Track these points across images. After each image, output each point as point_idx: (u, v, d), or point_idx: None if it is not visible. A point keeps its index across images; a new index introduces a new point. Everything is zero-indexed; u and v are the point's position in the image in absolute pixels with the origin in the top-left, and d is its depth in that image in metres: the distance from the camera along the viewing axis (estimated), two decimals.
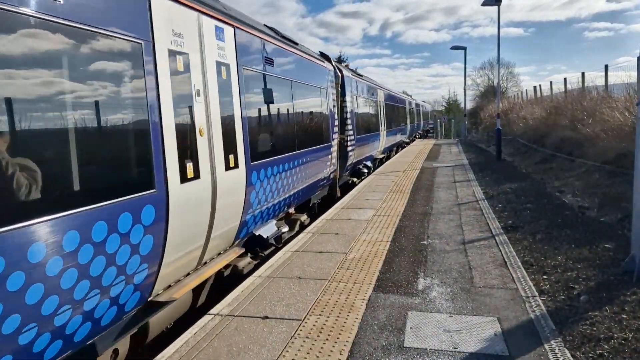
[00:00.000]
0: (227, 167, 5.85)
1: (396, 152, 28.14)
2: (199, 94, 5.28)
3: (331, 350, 4.25)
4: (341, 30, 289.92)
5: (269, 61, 7.73)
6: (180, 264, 5.09)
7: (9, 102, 3.10)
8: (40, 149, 3.35)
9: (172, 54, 4.78)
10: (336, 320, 4.88)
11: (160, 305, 4.79)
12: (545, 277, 5.99)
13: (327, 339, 4.47)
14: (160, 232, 4.54)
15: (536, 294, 5.44)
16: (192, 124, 5.09)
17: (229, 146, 5.97)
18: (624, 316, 4.72)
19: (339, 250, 7.36)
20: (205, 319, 5.01)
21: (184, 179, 4.84)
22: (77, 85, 3.69)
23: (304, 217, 9.99)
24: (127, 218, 4.07)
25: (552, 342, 4.30)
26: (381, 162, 22.28)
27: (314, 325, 4.76)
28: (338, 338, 4.49)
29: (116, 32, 4.01)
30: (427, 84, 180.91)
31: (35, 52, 3.28)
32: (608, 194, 10.13)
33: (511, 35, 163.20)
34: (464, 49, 38.40)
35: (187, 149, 4.96)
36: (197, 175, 5.11)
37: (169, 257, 4.73)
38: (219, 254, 6.26)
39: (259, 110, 7.42)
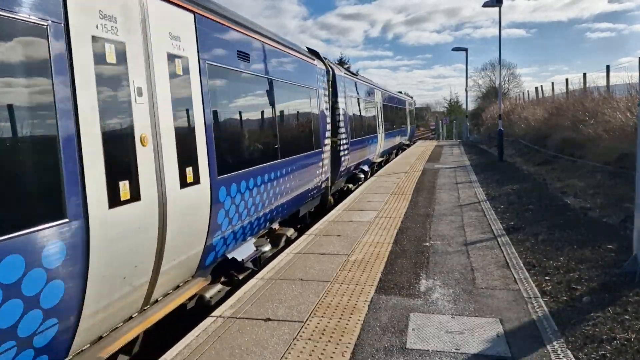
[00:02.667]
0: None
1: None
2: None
3: (333, 352, 4.26)
4: (343, 32, 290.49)
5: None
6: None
7: None
8: None
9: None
10: (338, 322, 4.88)
11: None
12: (547, 278, 5.99)
13: (329, 341, 4.47)
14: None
15: (538, 295, 5.43)
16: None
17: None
18: (627, 317, 4.71)
19: (341, 252, 7.37)
20: (208, 321, 5.02)
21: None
22: None
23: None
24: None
25: (554, 343, 4.30)
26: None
27: (316, 327, 4.76)
28: (340, 340, 4.49)
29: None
30: (429, 85, 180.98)
31: None
32: (610, 195, 10.13)
33: (513, 36, 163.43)
34: (466, 50, 38.36)
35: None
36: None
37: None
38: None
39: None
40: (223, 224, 5.90)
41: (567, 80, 21.63)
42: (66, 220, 3.39)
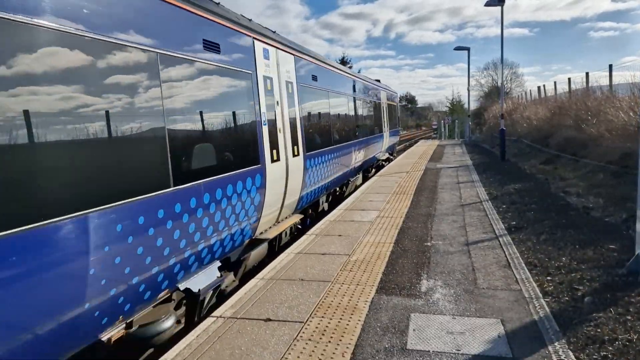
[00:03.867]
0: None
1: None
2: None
3: (333, 353, 4.24)
4: (345, 31, 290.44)
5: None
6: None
7: None
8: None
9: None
10: (339, 322, 4.87)
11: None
12: (549, 278, 5.96)
13: (329, 342, 4.46)
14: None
15: (540, 295, 5.41)
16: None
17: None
18: (629, 317, 4.68)
19: (342, 252, 7.35)
20: (208, 321, 5.01)
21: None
22: None
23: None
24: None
25: (555, 344, 4.28)
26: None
27: (316, 328, 4.75)
28: (340, 340, 4.48)
29: None
30: (431, 84, 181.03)
31: None
32: (612, 194, 10.09)
33: (516, 36, 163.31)
34: (468, 49, 38.30)
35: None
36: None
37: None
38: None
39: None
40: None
41: (569, 79, 21.59)
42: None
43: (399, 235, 8.27)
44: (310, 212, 11.09)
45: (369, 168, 19.27)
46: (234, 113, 6.62)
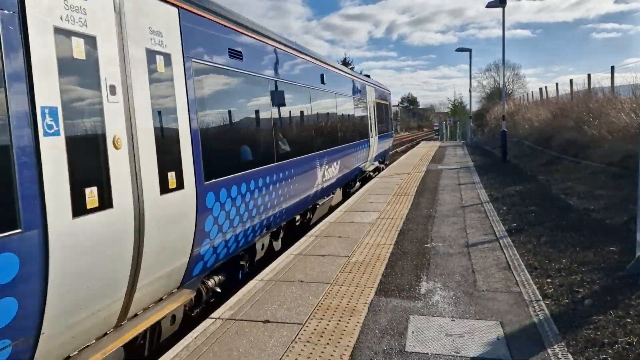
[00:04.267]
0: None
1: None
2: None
3: (332, 355, 4.23)
4: (347, 32, 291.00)
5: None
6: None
7: None
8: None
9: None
10: (337, 324, 4.85)
11: None
12: (549, 280, 5.93)
13: (327, 344, 4.44)
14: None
15: (540, 297, 5.38)
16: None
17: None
18: (629, 320, 4.65)
19: (341, 254, 7.34)
20: (207, 322, 5.00)
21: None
22: None
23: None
24: None
25: (555, 346, 4.25)
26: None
27: (315, 330, 4.73)
28: (339, 342, 4.46)
29: None
30: (433, 85, 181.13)
31: None
32: (614, 196, 10.06)
33: (518, 37, 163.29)
34: (469, 50, 38.29)
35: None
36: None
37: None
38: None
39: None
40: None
41: (571, 81, 21.54)
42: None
43: (399, 237, 8.25)
44: (243, 262, 7.24)
45: (351, 182, 15.84)
46: None
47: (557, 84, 24.81)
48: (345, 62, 71.44)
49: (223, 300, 5.73)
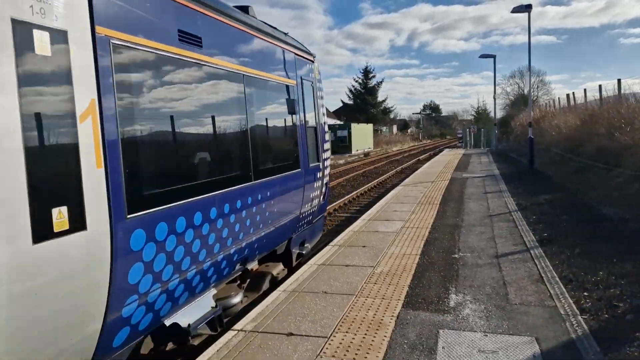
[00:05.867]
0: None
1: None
2: None
3: None
4: (368, 41, 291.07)
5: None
6: None
7: None
8: None
9: None
10: (364, 338, 4.67)
11: None
12: (586, 294, 5.65)
13: (354, 358, 4.26)
14: None
15: (577, 312, 5.11)
16: None
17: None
18: None
19: (366, 264, 7.15)
20: (229, 335, 4.88)
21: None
22: None
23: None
24: None
25: None
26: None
27: (340, 343, 4.56)
28: (366, 357, 4.28)
29: None
30: (456, 93, 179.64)
31: None
32: None
33: (543, 43, 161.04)
34: (494, 57, 37.80)
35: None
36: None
37: None
38: None
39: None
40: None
41: (600, 86, 20.91)
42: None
43: (425, 247, 8.03)
44: None
45: None
46: None
47: (584, 90, 24.16)
48: (367, 71, 70.79)
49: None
